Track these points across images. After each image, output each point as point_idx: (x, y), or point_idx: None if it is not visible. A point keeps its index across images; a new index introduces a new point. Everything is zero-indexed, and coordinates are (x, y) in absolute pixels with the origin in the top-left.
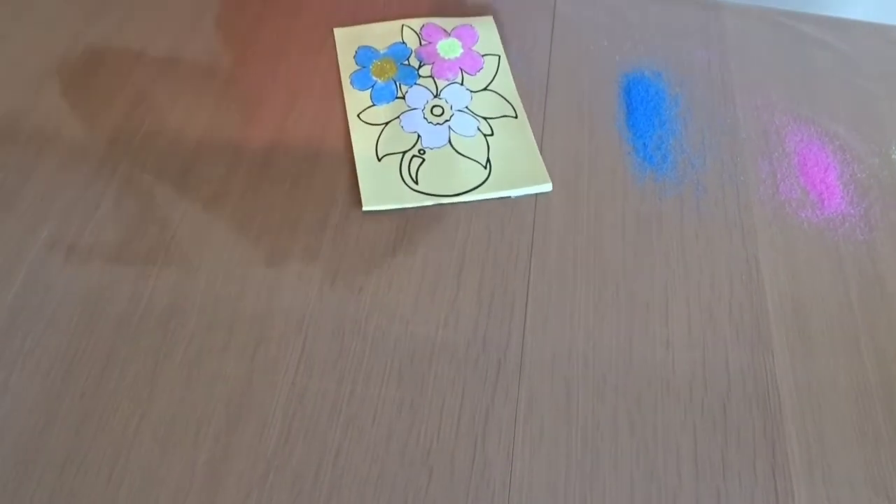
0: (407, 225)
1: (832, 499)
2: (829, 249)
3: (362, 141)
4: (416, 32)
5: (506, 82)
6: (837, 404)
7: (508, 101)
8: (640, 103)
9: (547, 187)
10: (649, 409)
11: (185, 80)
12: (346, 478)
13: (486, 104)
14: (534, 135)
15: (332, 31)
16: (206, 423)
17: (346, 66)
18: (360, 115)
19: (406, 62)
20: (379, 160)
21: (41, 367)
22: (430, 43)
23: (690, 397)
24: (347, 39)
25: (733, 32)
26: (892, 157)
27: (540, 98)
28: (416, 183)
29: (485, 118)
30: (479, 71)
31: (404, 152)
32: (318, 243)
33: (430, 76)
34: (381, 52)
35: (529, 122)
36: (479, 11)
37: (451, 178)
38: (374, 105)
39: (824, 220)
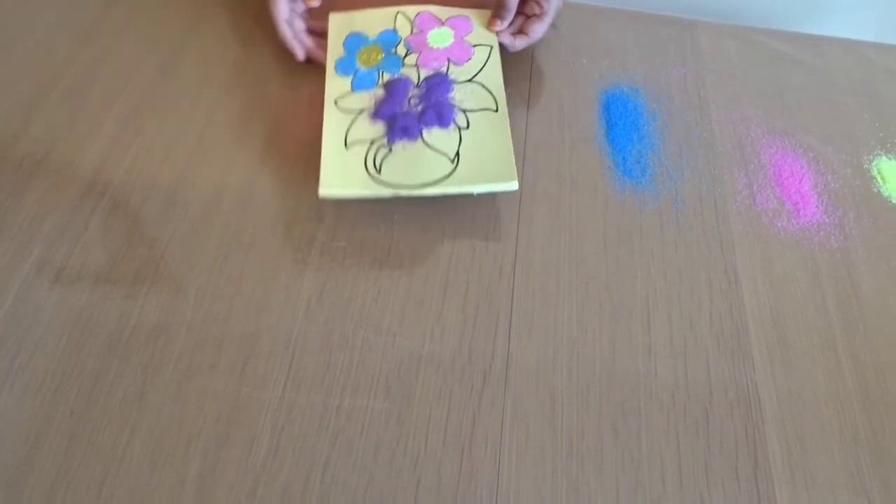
0: (393, 239)
1: (814, 502)
2: (806, 258)
3: (334, 127)
4: (409, 20)
5: (494, 74)
6: (817, 409)
7: (492, 94)
8: (619, 119)
9: (513, 186)
10: (633, 417)
11: (174, 102)
12: (334, 490)
13: (467, 96)
14: (516, 149)
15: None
16: (196, 439)
17: (335, 52)
18: (338, 102)
19: (394, 51)
20: (346, 147)
21: (31, 387)
22: (421, 31)
23: (673, 405)
24: (340, 25)
25: (708, 50)
26: (865, 166)
27: (521, 116)
28: (379, 173)
29: (463, 111)
30: (467, 61)
31: (372, 141)
32: (306, 258)
33: (415, 65)
34: (371, 39)
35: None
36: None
37: (415, 170)
38: (352, 92)
39: (800, 228)
